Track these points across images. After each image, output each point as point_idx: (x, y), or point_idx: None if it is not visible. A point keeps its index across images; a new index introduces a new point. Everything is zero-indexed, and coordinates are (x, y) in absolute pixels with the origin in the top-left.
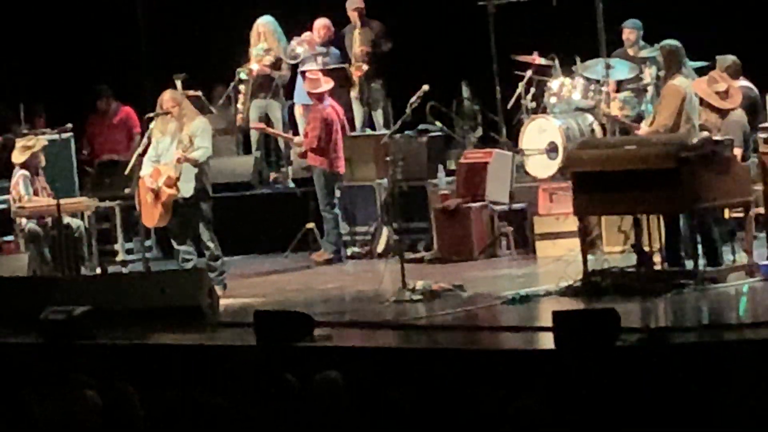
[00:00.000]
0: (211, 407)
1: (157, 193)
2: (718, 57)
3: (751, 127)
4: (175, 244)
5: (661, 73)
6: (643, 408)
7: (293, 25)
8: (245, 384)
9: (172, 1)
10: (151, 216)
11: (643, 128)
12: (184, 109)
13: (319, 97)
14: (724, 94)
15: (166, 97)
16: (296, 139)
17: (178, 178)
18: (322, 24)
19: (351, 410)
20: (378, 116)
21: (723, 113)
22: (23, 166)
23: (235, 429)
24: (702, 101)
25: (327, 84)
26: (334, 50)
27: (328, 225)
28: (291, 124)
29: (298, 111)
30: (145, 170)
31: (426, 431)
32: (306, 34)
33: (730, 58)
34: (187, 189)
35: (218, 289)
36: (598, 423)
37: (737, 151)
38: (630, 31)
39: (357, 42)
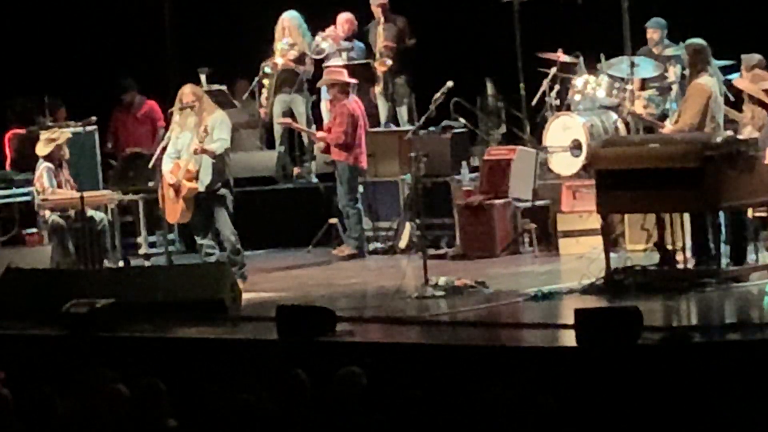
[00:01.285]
0: (239, 404)
1: (177, 189)
2: (743, 56)
3: None
4: (198, 239)
5: (686, 72)
6: (664, 407)
7: (317, 20)
8: (266, 379)
9: (198, 5)
10: (174, 212)
11: (668, 126)
12: (204, 103)
13: (345, 92)
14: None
15: (187, 91)
16: (319, 134)
17: (198, 171)
18: (345, 18)
19: (373, 406)
20: (402, 112)
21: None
22: (47, 158)
23: (261, 425)
24: (751, 98)
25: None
26: (358, 44)
27: (351, 220)
28: (315, 119)
29: (325, 106)
30: (166, 167)
31: (447, 428)
32: (330, 29)
33: (757, 57)
34: (207, 181)
35: (239, 282)
36: (619, 422)
37: None
38: (653, 31)
39: (381, 37)
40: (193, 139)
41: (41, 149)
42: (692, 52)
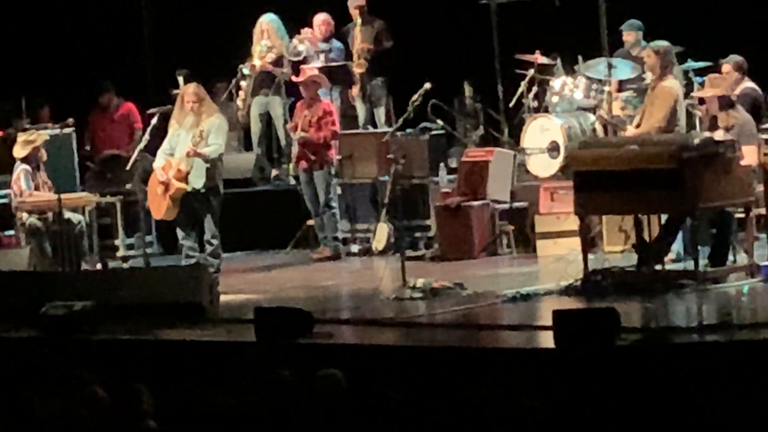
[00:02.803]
0: (219, 406)
1: (166, 186)
2: (722, 61)
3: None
4: (180, 238)
5: (678, 69)
6: (642, 408)
7: (295, 22)
8: (244, 380)
9: (177, 7)
10: (159, 208)
11: (630, 129)
12: (204, 105)
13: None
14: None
15: (190, 91)
16: (299, 133)
17: (188, 172)
18: (322, 20)
19: (354, 408)
20: (380, 114)
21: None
22: (24, 160)
23: (240, 427)
24: (722, 101)
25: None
26: (336, 44)
27: (330, 222)
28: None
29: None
30: (158, 162)
31: (426, 430)
32: (306, 31)
33: (738, 58)
34: (198, 183)
35: None
36: (598, 422)
37: (751, 151)
38: (630, 33)
39: (358, 39)
40: (188, 138)
41: (18, 151)
42: (657, 54)
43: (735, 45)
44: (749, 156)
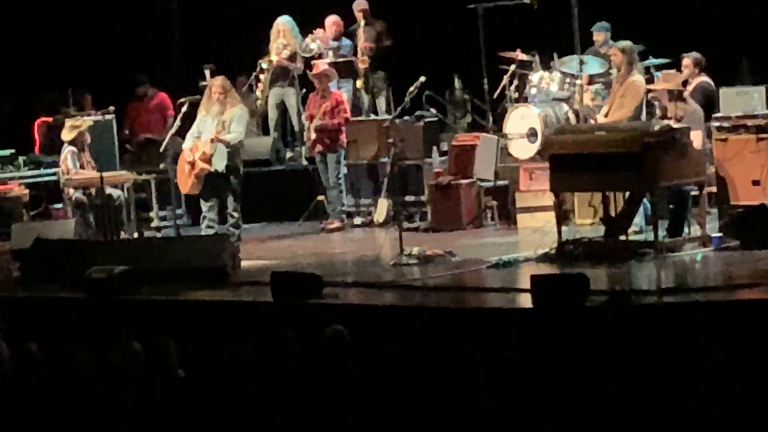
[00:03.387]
0: (239, 358)
1: (192, 165)
2: (684, 55)
3: (707, 117)
4: (204, 210)
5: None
6: (608, 360)
7: (307, 23)
8: (262, 335)
9: (203, 3)
10: (185, 184)
11: (600, 117)
12: (229, 96)
13: (328, 86)
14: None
15: (217, 83)
16: (316, 121)
17: (212, 155)
18: (332, 21)
19: (356, 360)
20: (381, 103)
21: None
22: (71, 143)
23: (257, 376)
24: (672, 94)
25: (332, 73)
26: (346, 41)
27: (337, 198)
28: (304, 109)
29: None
30: (187, 144)
31: (419, 381)
32: (318, 31)
33: (696, 55)
34: (219, 165)
35: None
36: (569, 373)
37: (698, 136)
38: (599, 33)
39: (362, 39)
40: (214, 125)
41: (66, 135)
42: (623, 52)
43: (691, 44)
44: (695, 140)
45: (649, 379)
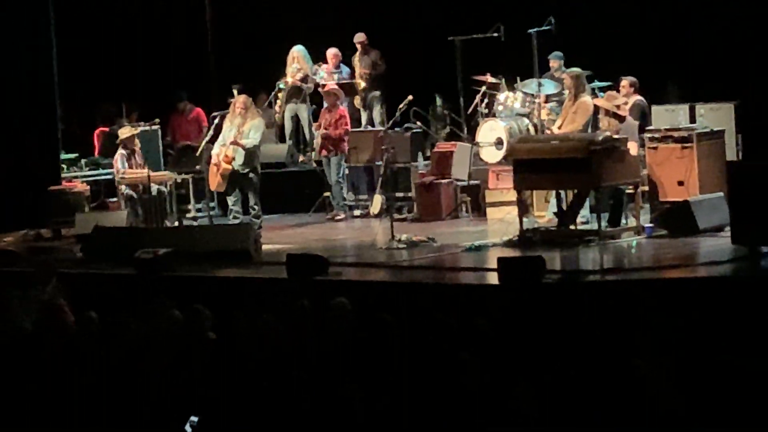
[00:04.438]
0: (260, 323)
1: (218, 166)
2: (622, 78)
3: (641, 129)
4: (230, 204)
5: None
6: (561, 326)
7: (316, 50)
8: (279, 305)
9: (233, 35)
10: (214, 182)
11: (554, 129)
12: (249, 111)
13: (336, 102)
14: (623, 106)
15: (240, 101)
16: (322, 130)
17: (233, 158)
18: (332, 54)
19: (357, 325)
20: (376, 117)
21: (620, 119)
22: (124, 147)
23: (275, 337)
24: (606, 112)
25: (340, 93)
26: (345, 68)
27: (340, 193)
28: (314, 121)
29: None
30: (215, 150)
31: (408, 342)
32: (323, 65)
33: (632, 78)
34: (240, 165)
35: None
36: (528, 337)
37: (633, 146)
38: (554, 61)
39: (359, 66)
40: (234, 135)
41: (123, 132)
42: (576, 76)
43: (628, 69)
44: (631, 149)
45: (592, 340)
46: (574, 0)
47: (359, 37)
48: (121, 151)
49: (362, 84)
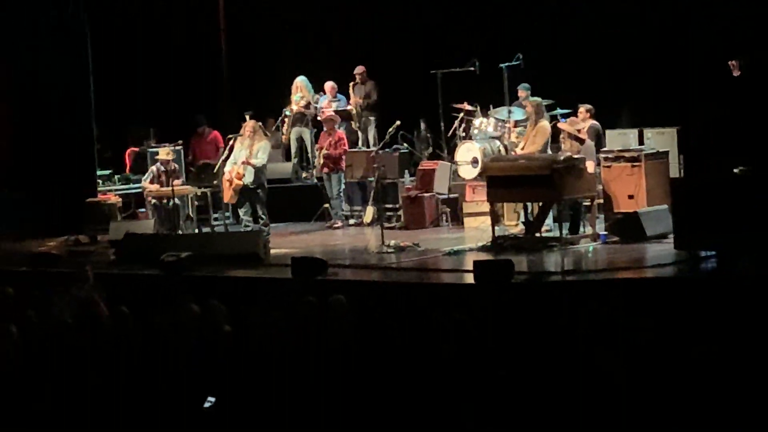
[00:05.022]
0: (268, 317)
1: (230, 182)
2: (580, 105)
3: (597, 150)
4: (241, 214)
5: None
6: (527, 320)
7: (316, 78)
8: (285, 302)
9: (245, 68)
10: (227, 195)
11: (518, 151)
12: (257, 134)
13: (334, 126)
14: (583, 130)
15: (249, 125)
16: (324, 151)
17: (244, 174)
18: (330, 86)
19: (352, 318)
20: (369, 138)
21: (581, 141)
22: (162, 163)
23: (280, 331)
24: (569, 134)
25: (336, 118)
26: (341, 98)
27: (340, 205)
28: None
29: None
30: (228, 167)
31: (396, 334)
32: (323, 96)
33: (588, 105)
34: (250, 181)
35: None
36: (499, 329)
37: (591, 164)
38: (522, 91)
39: (355, 95)
40: (244, 155)
41: (162, 155)
42: (536, 105)
43: (585, 97)
44: (589, 167)
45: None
46: (540, 38)
47: (359, 69)
48: (150, 168)
49: (357, 110)
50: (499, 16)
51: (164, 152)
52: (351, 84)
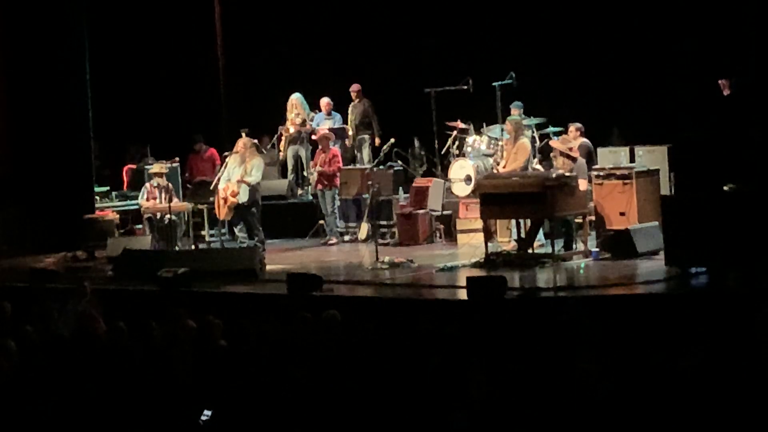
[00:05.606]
0: (264, 332)
1: (225, 199)
2: (570, 124)
3: (589, 167)
4: (236, 231)
5: (528, 133)
6: (519, 334)
7: (311, 95)
8: (280, 317)
9: (241, 88)
10: (222, 212)
11: (500, 169)
12: (249, 151)
13: (328, 144)
14: (575, 149)
15: (242, 142)
16: (318, 168)
17: (238, 192)
18: (325, 102)
19: (345, 333)
20: (364, 156)
21: (573, 159)
22: (153, 179)
23: (276, 346)
24: (561, 153)
25: (331, 136)
26: (337, 115)
27: (332, 222)
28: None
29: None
30: (221, 185)
31: (389, 348)
32: (319, 114)
33: (578, 124)
34: (244, 198)
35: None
36: (491, 343)
37: (583, 182)
38: (514, 109)
39: (352, 113)
40: (238, 172)
41: (154, 169)
42: (516, 123)
43: (576, 116)
44: (581, 184)
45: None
46: (532, 57)
47: (354, 87)
48: (144, 185)
49: (352, 128)
50: (492, 35)
51: (158, 167)
52: (351, 105)
